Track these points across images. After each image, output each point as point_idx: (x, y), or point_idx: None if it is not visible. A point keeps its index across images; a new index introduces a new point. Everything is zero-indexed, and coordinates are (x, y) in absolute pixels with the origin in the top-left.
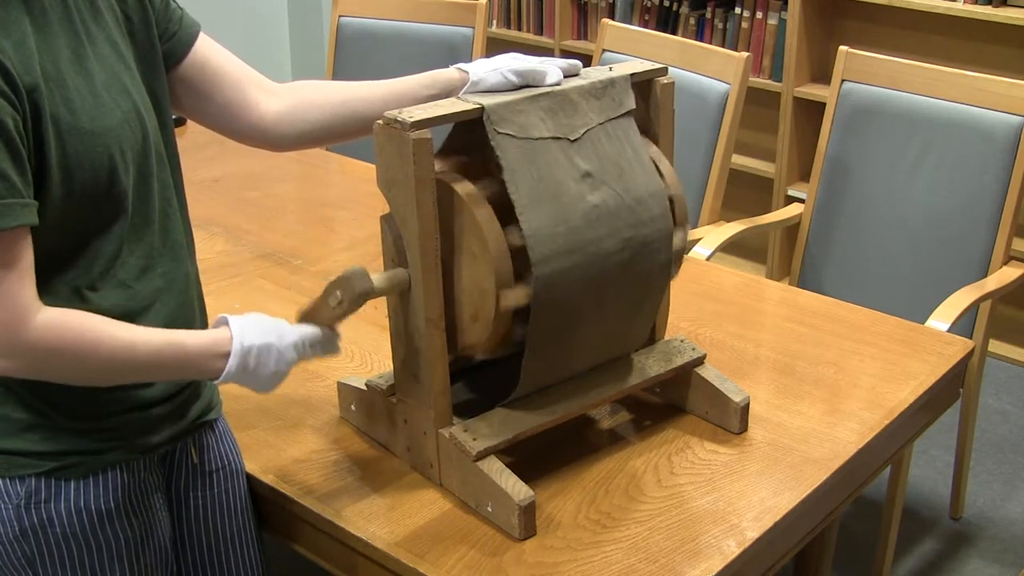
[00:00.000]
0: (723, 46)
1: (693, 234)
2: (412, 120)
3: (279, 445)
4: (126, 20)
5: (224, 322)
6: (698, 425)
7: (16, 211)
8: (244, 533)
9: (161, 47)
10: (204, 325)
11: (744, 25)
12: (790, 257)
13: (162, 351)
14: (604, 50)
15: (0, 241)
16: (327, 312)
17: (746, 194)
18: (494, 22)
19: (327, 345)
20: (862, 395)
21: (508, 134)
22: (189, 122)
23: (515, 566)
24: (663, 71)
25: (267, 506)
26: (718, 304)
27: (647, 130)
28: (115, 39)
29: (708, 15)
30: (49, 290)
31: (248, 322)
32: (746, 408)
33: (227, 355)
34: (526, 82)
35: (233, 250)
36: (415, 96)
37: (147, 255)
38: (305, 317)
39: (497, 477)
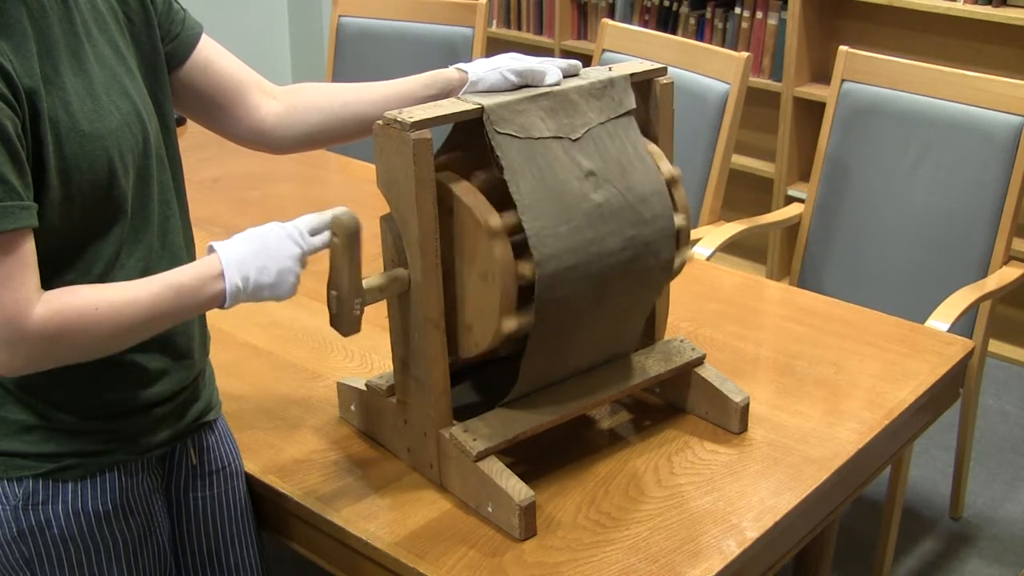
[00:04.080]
0: (723, 46)
1: (693, 234)
2: (412, 120)
3: (279, 445)
4: (128, 22)
5: (211, 249)
6: (698, 425)
7: (16, 214)
8: (244, 534)
9: (164, 49)
10: (203, 326)
11: (744, 25)
12: (790, 257)
13: (161, 294)
14: (604, 50)
15: (1, 243)
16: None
17: (746, 194)
18: (494, 22)
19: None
20: (862, 395)
21: (508, 134)
22: (189, 122)
23: (515, 566)
24: (663, 71)
25: (267, 506)
26: (718, 304)
27: (647, 130)
28: (116, 41)
29: (708, 15)
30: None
31: (232, 239)
32: (746, 408)
33: (221, 274)
34: (525, 82)
35: None
36: (415, 96)
37: (146, 257)
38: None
39: (497, 477)
